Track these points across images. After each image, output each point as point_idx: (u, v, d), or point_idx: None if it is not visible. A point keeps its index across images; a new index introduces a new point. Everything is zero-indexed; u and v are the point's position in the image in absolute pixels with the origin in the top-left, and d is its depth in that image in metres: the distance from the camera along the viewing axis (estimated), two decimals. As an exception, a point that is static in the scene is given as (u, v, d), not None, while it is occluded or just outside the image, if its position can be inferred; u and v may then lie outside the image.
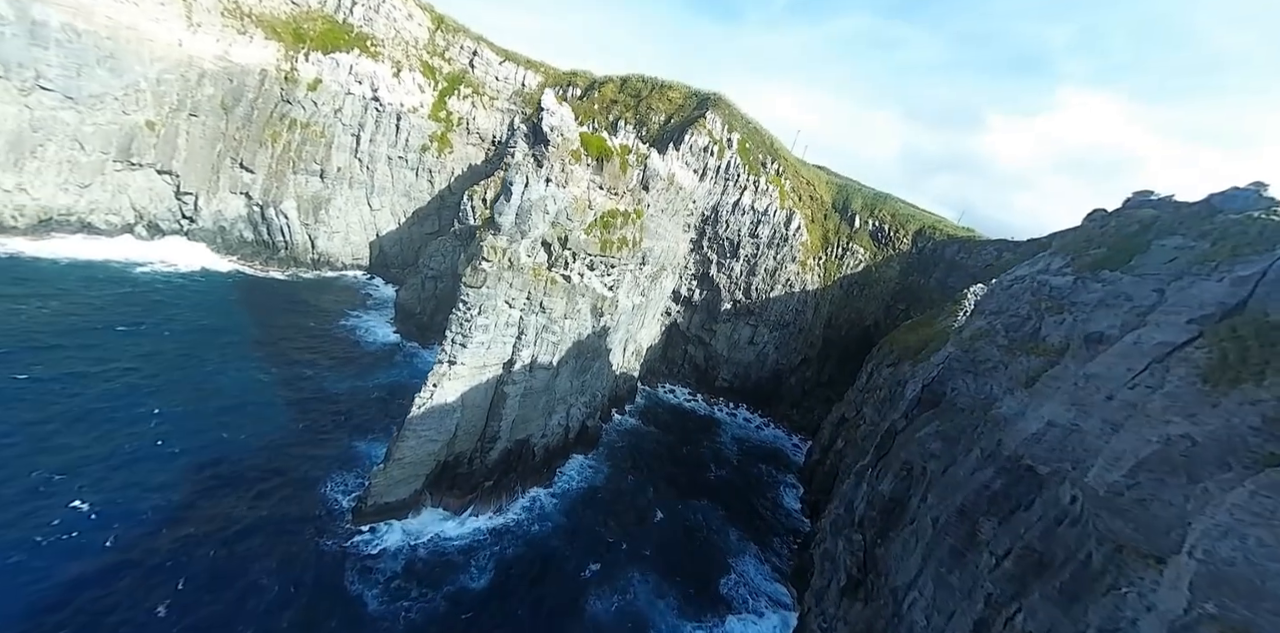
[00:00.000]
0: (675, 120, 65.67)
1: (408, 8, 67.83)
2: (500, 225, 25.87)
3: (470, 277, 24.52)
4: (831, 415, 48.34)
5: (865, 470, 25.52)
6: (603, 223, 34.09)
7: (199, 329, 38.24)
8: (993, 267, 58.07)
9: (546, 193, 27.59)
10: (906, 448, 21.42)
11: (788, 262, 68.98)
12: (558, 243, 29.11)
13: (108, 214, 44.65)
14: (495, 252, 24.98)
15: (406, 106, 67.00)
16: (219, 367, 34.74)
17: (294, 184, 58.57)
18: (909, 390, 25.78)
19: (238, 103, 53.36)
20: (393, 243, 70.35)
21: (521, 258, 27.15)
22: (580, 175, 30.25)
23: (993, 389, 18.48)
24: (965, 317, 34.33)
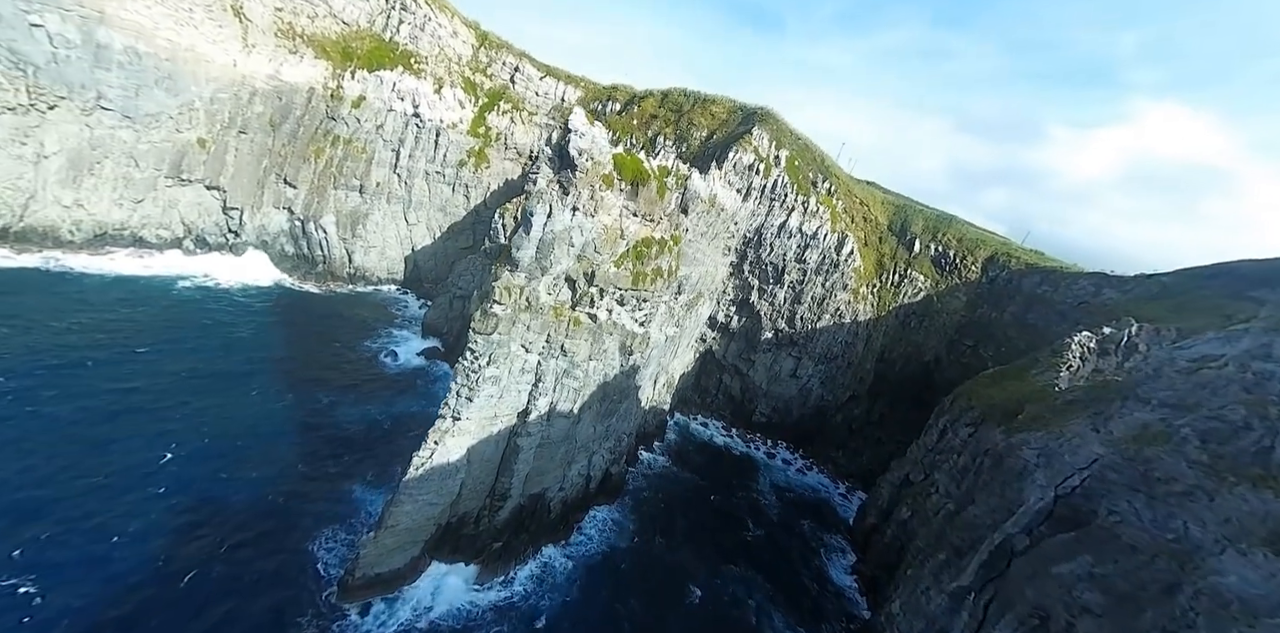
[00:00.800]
0: (718, 136, 61.81)
1: (453, 25, 68.16)
2: (518, 261, 22.68)
3: (480, 322, 21.40)
4: (891, 474, 41.91)
5: (966, 594, 19.87)
6: (635, 253, 30.43)
7: (222, 350, 37.74)
8: (1089, 305, 49.77)
9: (572, 223, 24.21)
10: (1036, 584, 15.99)
11: (838, 289, 62.86)
12: (583, 279, 25.60)
13: (158, 228, 45.91)
14: (510, 293, 21.77)
15: (446, 123, 66.85)
16: (232, 394, 33.65)
17: (334, 199, 59.02)
18: (1029, 494, 20.01)
19: (285, 120, 54.31)
20: (427, 258, 69.99)
21: (541, 297, 23.81)
22: (612, 202, 26.75)
23: (1190, 530, 12.99)
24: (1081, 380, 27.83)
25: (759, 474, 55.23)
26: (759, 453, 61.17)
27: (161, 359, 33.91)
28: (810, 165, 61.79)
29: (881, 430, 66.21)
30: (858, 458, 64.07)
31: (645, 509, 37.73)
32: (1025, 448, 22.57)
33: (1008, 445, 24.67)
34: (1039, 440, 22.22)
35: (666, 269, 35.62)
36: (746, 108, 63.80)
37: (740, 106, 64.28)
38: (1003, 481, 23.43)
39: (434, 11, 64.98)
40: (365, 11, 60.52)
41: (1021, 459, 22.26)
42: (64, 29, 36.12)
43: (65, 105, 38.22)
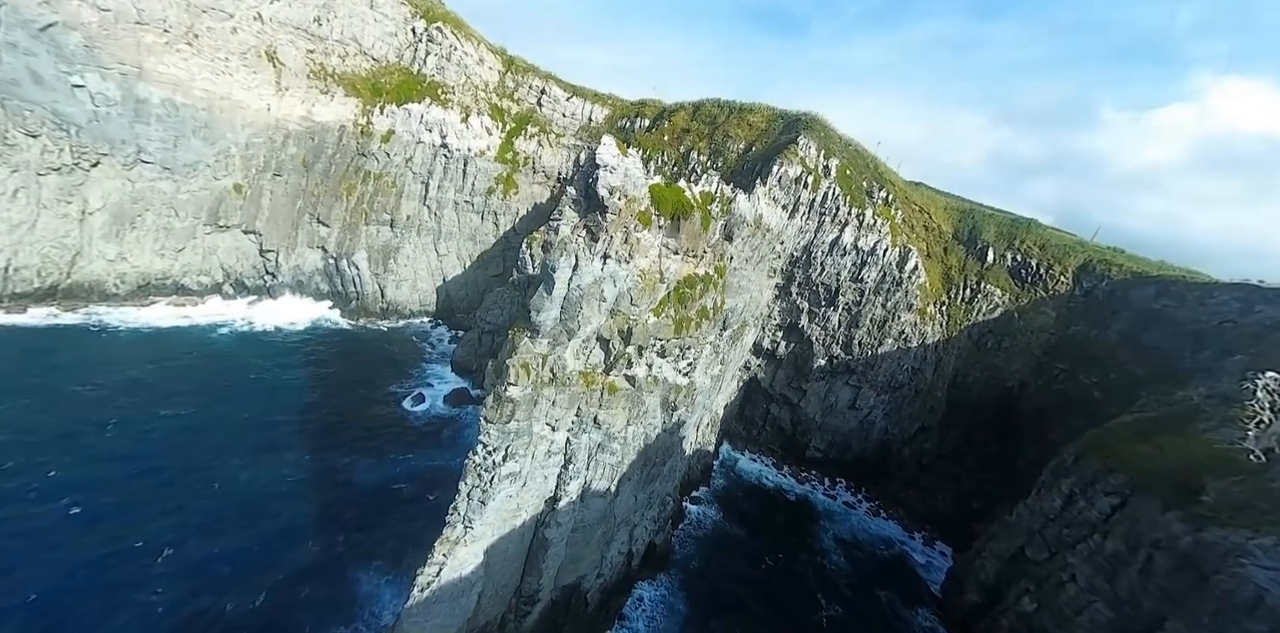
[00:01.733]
0: (758, 148, 56.87)
1: (479, 52, 67.50)
2: (539, 326, 18.85)
3: (493, 409, 17.66)
4: (996, 544, 34.59)
5: None
6: (678, 296, 26.03)
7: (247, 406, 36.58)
8: (1239, 327, 40.27)
9: (604, 273, 20.16)
10: None
11: (901, 310, 55.58)
12: (618, 337, 21.42)
13: (199, 275, 46.61)
14: (529, 370, 17.93)
15: (474, 151, 65.77)
16: (248, 457, 31.94)
17: (365, 235, 58.69)
18: None
19: (317, 160, 54.54)
20: (458, 287, 68.75)
21: (568, 365, 19.84)
22: (649, 242, 22.56)
23: None
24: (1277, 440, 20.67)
25: (821, 524, 48.62)
26: (818, 495, 54.43)
27: (182, 421, 32.98)
28: (863, 174, 55.52)
29: (957, 465, 57.56)
30: (931, 499, 55.81)
31: (697, 583, 32.68)
32: (1250, 565, 15.97)
33: (1201, 546, 18.06)
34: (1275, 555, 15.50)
35: (712, 307, 30.96)
36: (787, 115, 58.55)
37: (780, 114, 59.11)
38: (1213, 608, 16.83)
39: (460, 40, 64.54)
40: (394, 46, 60.71)
41: (1248, 583, 15.71)
42: (104, 87, 37.06)
43: (107, 162, 39.16)
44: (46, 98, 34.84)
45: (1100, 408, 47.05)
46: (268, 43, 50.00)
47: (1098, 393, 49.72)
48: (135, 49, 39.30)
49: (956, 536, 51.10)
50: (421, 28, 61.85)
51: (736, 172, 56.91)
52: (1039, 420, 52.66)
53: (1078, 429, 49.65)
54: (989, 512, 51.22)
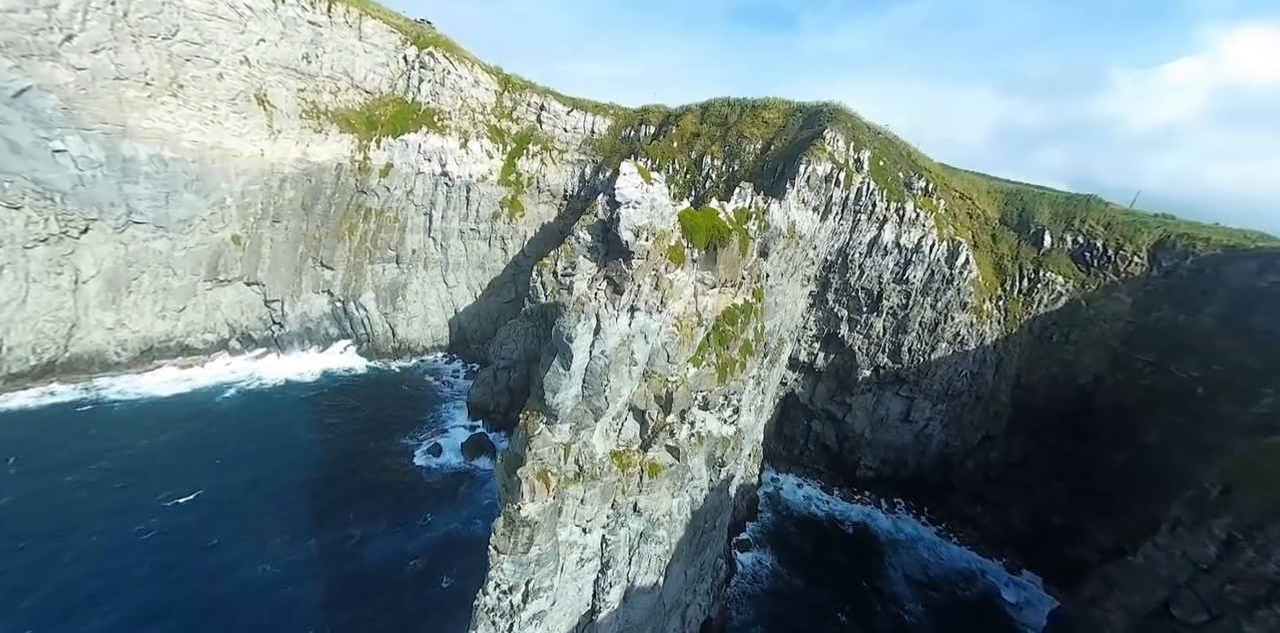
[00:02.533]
0: (777, 146, 52.36)
1: (474, 74, 65.13)
2: (557, 409, 14.99)
3: (503, 537, 13.84)
4: (1123, 596, 28.84)
5: None
6: (718, 337, 21.92)
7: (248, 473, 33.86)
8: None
9: (633, 330, 16.28)
10: None
11: (954, 310, 49.98)
12: (656, 406, 17.38)
13: (204, 333, 44.95)
14: (547, 481, 13.98)
15: (475, 176, 63.19)
16: (247, 540, 29.02)
17: (371, 274, 56.50)
18: None
19: (316, 201, 52.65)
20: (470, 318, 66.06)
21: (597, 451, 15.93)
22: (683, 281, 18.63)
23: None
24: None
25: (887, 559, 43.34)
26: (877, 521, 49.12)
27: (177, 505, 30.35)
28: (897, 163, 50.36)
29: (1028, 473, 51.36)
30: (1003, 515, 49.86)
31: (762, 658, 28.14)
32: None
33: None
34: None
35: (754, 337, 26.62)
36: (806, 108, 53.86)
37: (798, 108, 54.48)
38: None
39: (453, 64, 62.27)
40: (386, 77, 58.80)
41: None
42: (86, 149, 35.58)
43: (97, 226, 37.69)
44: (25, 167, 33.49)
45: (1206, 405, 40.94)
46: (256, 86, 48.42)
47: (1200, 389, 43.12)
48: (117, 106, 37.83)
49: (1044, 562, 45.10)
50: (413, 55, 59.83)
51: (755, 173, 52.53)
52: (1122, 420, 46.38)
53: (1179, 430, 43.15)
54: (1077, 531, 45.13)
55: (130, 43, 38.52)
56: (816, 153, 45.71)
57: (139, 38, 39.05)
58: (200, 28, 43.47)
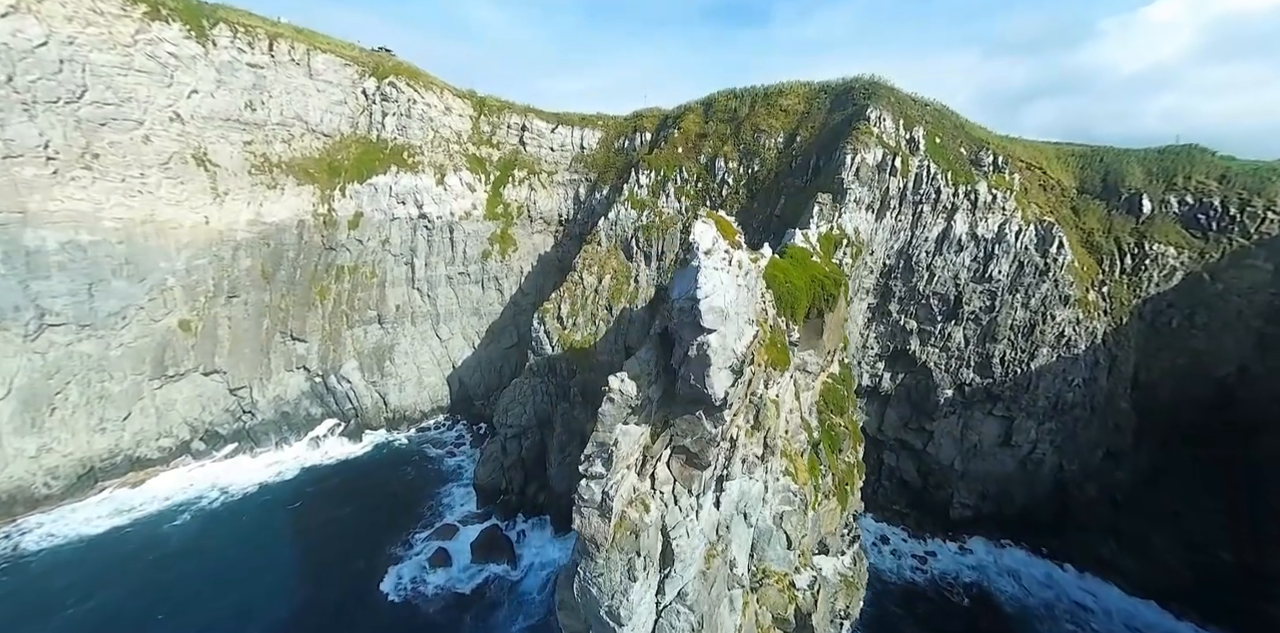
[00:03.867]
0: (804, 137, 43.36)
1: (444, 101, 58.01)
2: None
3: None
4: None
5: None
6: (829, 442, 13.12)
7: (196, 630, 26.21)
8: None
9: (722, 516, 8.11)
10: None
11: (1054, 306, 40.54)
12: None
13: (157, 440, 38.35)
14: None
15: (457, 214, 55.85)
16: None
17: (352, 341, 49.40)
18: None
19: (279, 267, 45.88)
20: (471, 372, 58.49)
21: None
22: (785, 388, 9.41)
23: None
24: None
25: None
26: (994, 581, 39.08)
27: None
28: (956, 138, 41.03)
29: (1169, 494, 41.19)
30: (1148, 550, 40.00)
31: None
32: None
33: None
34: None
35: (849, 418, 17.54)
36: (832, 87, 44.89)
37: (822, 88, 45.47)
38: None
39: (419, 92, 55.25)
40: (345, 116, 52.10)
41: None
42: (-28, 249, 29.30)
43: (1, 337, 31.32)
44: (-111, 281, 27.42)
45: None
46: (193, 144, 42.03)
47: None
48: (12, 190, 31.57)
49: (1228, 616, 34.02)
50: (372, 87, 53.04)
51: (782, 171, 43.65)
52: (1279, 414, 36.14)
53: None
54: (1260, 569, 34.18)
55: (21, 112, 32.25)
56: (861, 137, 36.56)
57: (33, 105, 32.79)
58: (114, 85, 37.15)
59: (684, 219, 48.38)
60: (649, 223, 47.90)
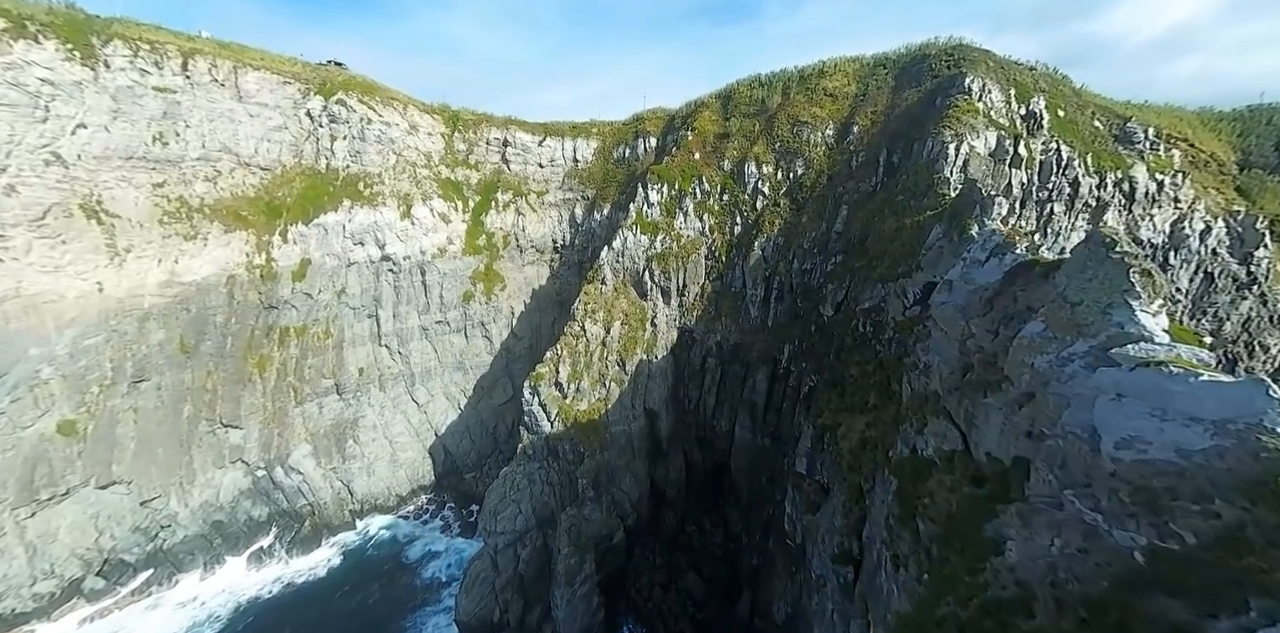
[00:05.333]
0: (864, 125, 32.24)
1: (407, 118, 48.82)
2: None
3: None
4: None
5: None
6: None
7: None
8: None
9: None
10: None
11: (1264, 331, 28.07)
12: None
13: (32, 586, 28.80)
14: None
15: (429, 251, 46.12)
16: None
17: (302, 420, 39.58)
18: None
19: (203, 337, 36.52)
20: (458, 438, 48.15)
21: None
22: None
23: None
24: None
25: None
26: None
27: None
28: (1085, 108, 29.20)
29: None
30: None
31: None
32: None
33: None
34: None
35: None
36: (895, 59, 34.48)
37: (880, 61, 34.79)
38: None
39: (374, 109, 46.15)
40: (286, 143, 43.14)
41: None
42: None
43: None
44: None
45: None
46: (81, 192, 33.35)
47: None
48: None
49: None
50: (318, 108, 44.09)
51: (838, 173, 32.52)
52: None
53: None
54: None
55: None
56: (962, 117, 25.25)
57: None
58: (-42, 125, 28.46)
59: (709, 242, 37.51)
60: (664, 250, 37.18)
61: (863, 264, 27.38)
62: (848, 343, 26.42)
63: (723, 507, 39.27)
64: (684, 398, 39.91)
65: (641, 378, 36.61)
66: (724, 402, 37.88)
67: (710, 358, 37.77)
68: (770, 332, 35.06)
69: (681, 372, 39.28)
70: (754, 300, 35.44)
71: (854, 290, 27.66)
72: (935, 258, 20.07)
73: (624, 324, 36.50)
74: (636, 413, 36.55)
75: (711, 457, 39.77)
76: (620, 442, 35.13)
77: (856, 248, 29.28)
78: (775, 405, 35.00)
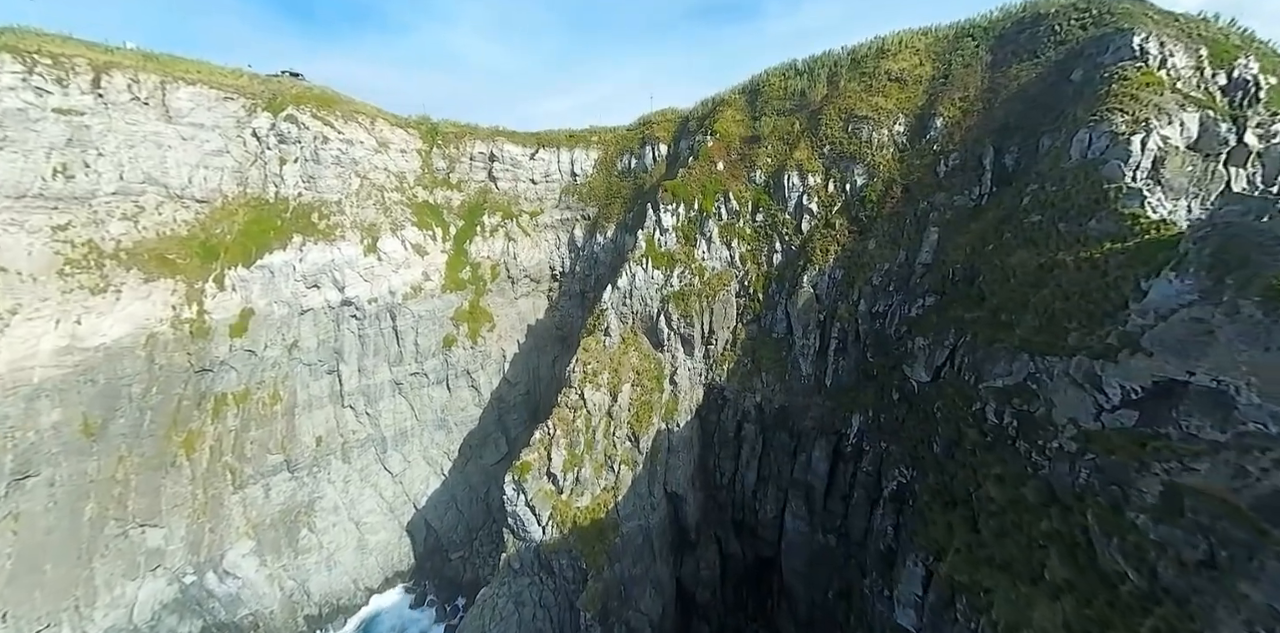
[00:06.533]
0: (951, 115, 23.78)
1: (376, 134, 41.87)
2: None
3: None
4: None
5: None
6: None
7: None
8: None
9: None
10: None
11: None
12: None
13: None
14: None
15: (400, 292, 38.71)
16: None
17: (242, 510, 32.07)
18: None
19: (114, 414, 29.41)
20: (442, 509, 40.28)
21: None
22: None
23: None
24: None
25: None
26: None
27: None
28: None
29: None
30: None
31: None
32: None
33: None
34: None
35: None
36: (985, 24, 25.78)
37: (966, 29, 26.81)
38: None
39: (334, 125, 39.24)
40: (228, 168, 36.40)
41: None
42: None
43: None
44: None
45: None
46: (-44, 242, 26.51)
47: None
48: None
49: None
50: (266, 126, 37.20)
51: (918, 182, 23.90)
52: None
53: None
54: None
55: None
56: (1139, 92, 16.49)
57: None
58: None
59: (740, 276, 29.06)
60: (683, 287, 28.91)
61: (980, 316, 18.70)
62: (970, 436, 17.74)
63: (773, 615, 30.42)
64: (714, 470, 31.41)
65: (660, 454, 28.19)
66: (768, 479, 29.26)
67: (748, 424, 29.22)
68: (829, 395, 26.41)
69: (710, 439, 30.83)
70: (805, 352, 26.89)
71: (966, 353, 19.00)
72: (1179, 336, 11.38)
73: (635, 385, 28.22)
74: (655, 501, 28.11)
75: (754, 547, 31.14)
76: (635, 542, 26.74)
77: (960, 288, 20.61)
78: (840, 491, 26.35)
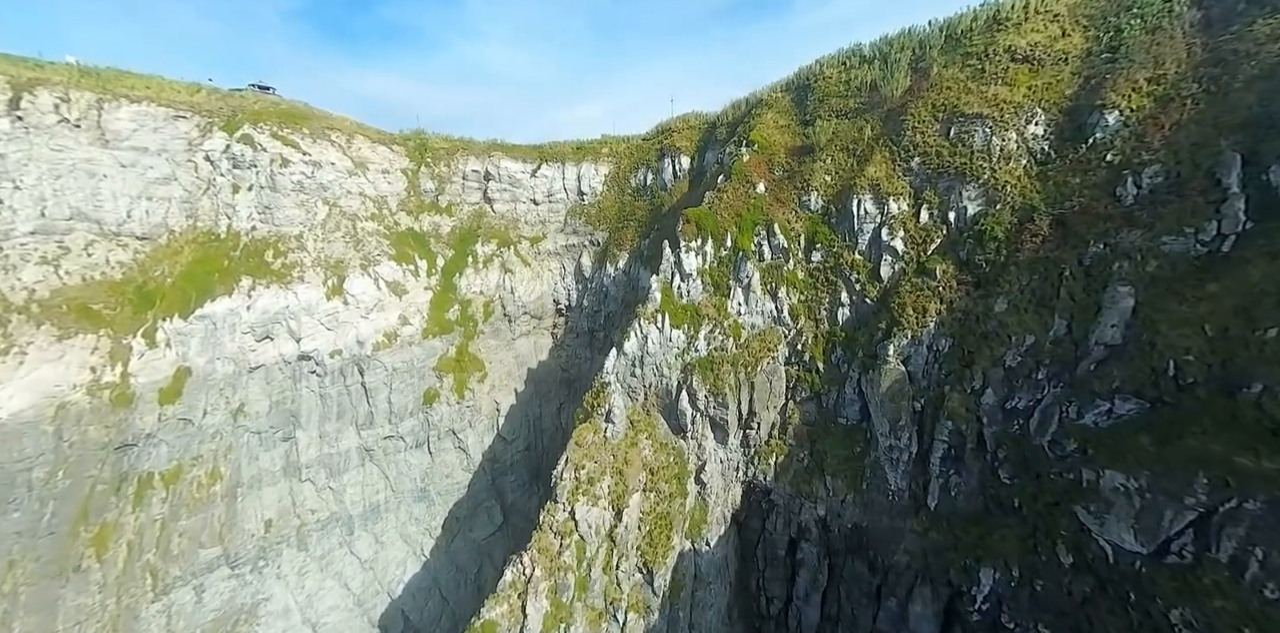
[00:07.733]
0: (1142, 102, 15.16)
1: (352, 153, 36.17)
2: None
3: None
4: None
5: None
6: None
7: None
8: None
9: None
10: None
11: None
12: None
13: None
14: None
15: (371, 341, 32.41)
16: None
17: (164, 622, 25.99)
18: None
19: (5, 508, 23.95)
20: (422, 598, 33.51)
21: None
22: None
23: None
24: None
25: None
26: None
27: None
28: None
29: None
30: None
31: None
32: None
33: None
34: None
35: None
36: None
37: None
38: None
39: (298, 145, 33.61)
40: (176, 199, 31.16)
41: None
42: None
43: None
44: None
45: None
46: None
47: None
48: None
49: None
50: (219, 148, 31.69)
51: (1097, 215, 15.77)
52: None
53: None
54: None
55: None
56: None
57: None
58: None
59: (791, 337, 21.15)
60: (713, 353, 21.16)
61: (1259, 455, 10.23)
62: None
63: None
64: (759, 596, 23.28)
65: (683, 592, 20.33)
66: (838, 623, 20.97)
67: (807, 543, 21.12)
68: (934, 522, 18.03)
69: (752, 554, 22.83)
70: (894, 456, 18.64)
71: (1235, 523, 10.53)
72: None
73: (648, 491, 20.52)
74: (678, 652, 20.34)
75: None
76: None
77: (1198, 398, 12.18)
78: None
